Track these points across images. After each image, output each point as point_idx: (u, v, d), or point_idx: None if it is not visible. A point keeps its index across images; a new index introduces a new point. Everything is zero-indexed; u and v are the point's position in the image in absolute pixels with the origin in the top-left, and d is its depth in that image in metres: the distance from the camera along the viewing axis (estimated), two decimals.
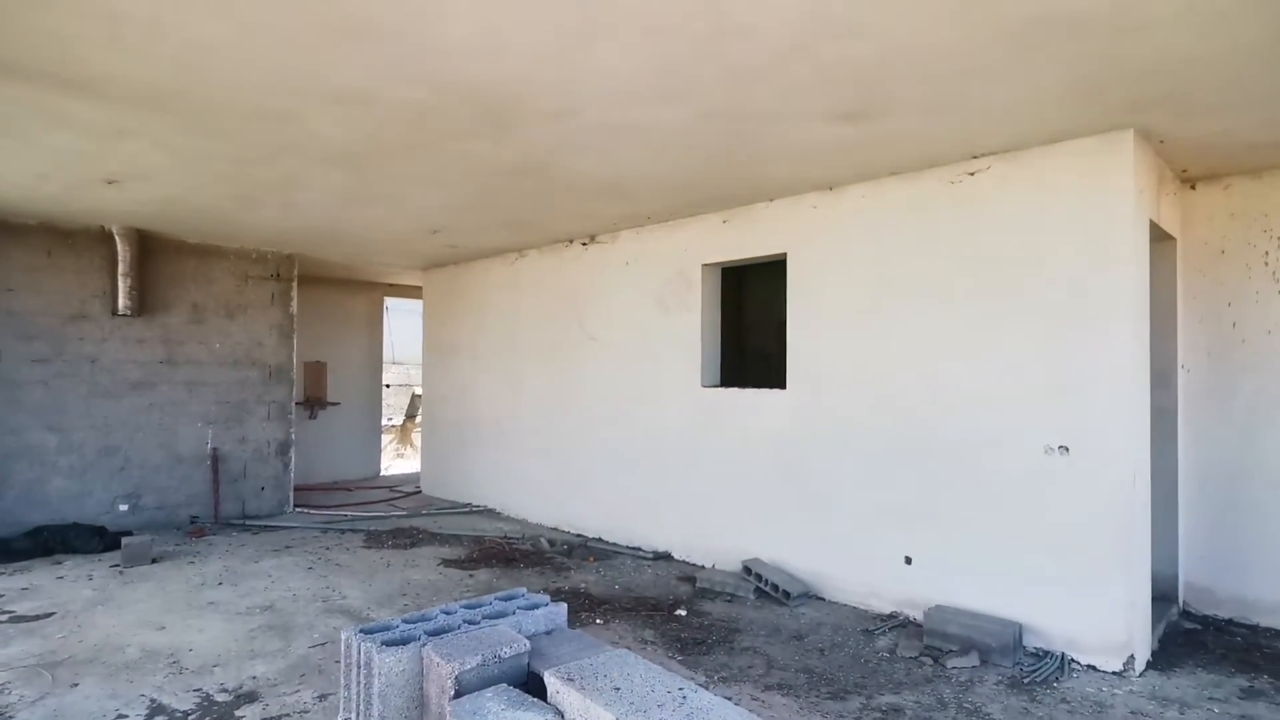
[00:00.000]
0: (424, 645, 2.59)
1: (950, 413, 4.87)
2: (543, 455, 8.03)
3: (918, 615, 4.86)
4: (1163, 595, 5.06)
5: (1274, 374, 4.93)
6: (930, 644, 4.52)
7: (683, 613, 5.15)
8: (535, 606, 3.02)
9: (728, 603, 5.41)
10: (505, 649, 2.56)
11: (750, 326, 8.39)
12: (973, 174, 4.78)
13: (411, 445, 14.16)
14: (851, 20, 3.01)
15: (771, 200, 5.90)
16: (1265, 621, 4.93)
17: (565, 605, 3.18)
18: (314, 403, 10.70)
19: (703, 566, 6.25)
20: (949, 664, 4.26)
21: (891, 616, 5.07)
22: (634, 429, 6.99)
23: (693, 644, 4.57)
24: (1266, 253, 4.96)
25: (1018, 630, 4.42)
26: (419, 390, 12.01)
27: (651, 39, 3.18)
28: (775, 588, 5.43)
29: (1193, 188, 5.25)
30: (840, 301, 5.46)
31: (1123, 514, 4.14)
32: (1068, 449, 4.35)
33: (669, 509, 6.64)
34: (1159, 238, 4.93)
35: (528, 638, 2.72)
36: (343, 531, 7.61)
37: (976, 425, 4.74)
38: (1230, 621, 5.03)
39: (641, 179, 5.37)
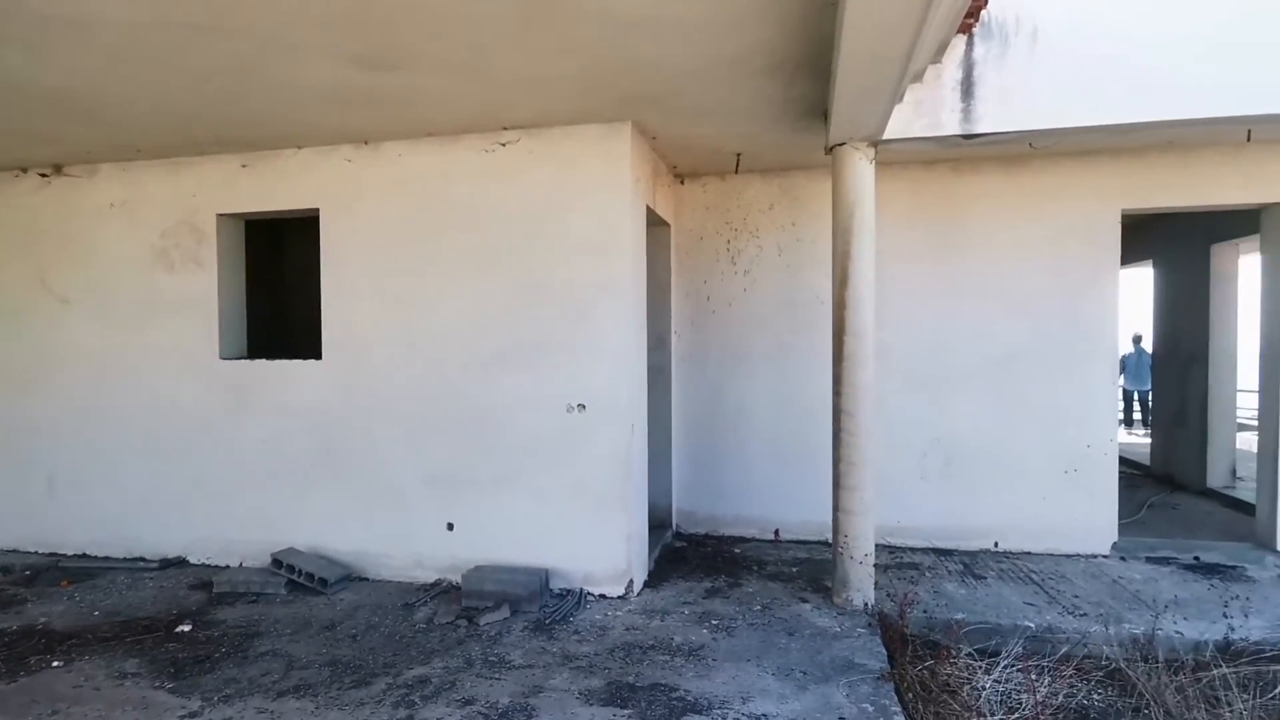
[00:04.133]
0: None
1: (488, 379, 4.99)
2: None
3: (459, 579, 4.93)
4: (661, 523, 6.06)
5: (732, 338, 6.24)
6: (468, 605, 4.62)
7: (187, 628, 4.34)
8: None
9: (251, 604, 4.75)
10: None
11: (294, 290, 7.50)
12: (504, 145, 4.90)
13: None
14: None
15: (300, 148, 5.24)
16: (727, 532, 6.28)
17: None
18: None
19: (225, 567, 5.39)
20: (482, 621, 4.40)
21: (435, 585, 5.05)
22: (131, 413, 5.64)
23: (193, 664, 3.86)
24: (728, 241, 6.22)
25: (544, 576, 4.79)
26: None
27: None
28: (311, 577, 4.96)
29: (682, 183, 6.30)
30: (379, 265, 5.15)
31: (623, 459, 4.77)
32: (585, 406, 4.83)
33: (183, 506, 5.55)
34: (657, 223, 5.78)
35: None
36: None
37: (512, 389, 4.95)
38: (706, 536, 6.29)
39: (116, 98, 4.22)
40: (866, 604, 4.54)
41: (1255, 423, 6.45)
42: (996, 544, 5.79)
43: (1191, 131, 4.99)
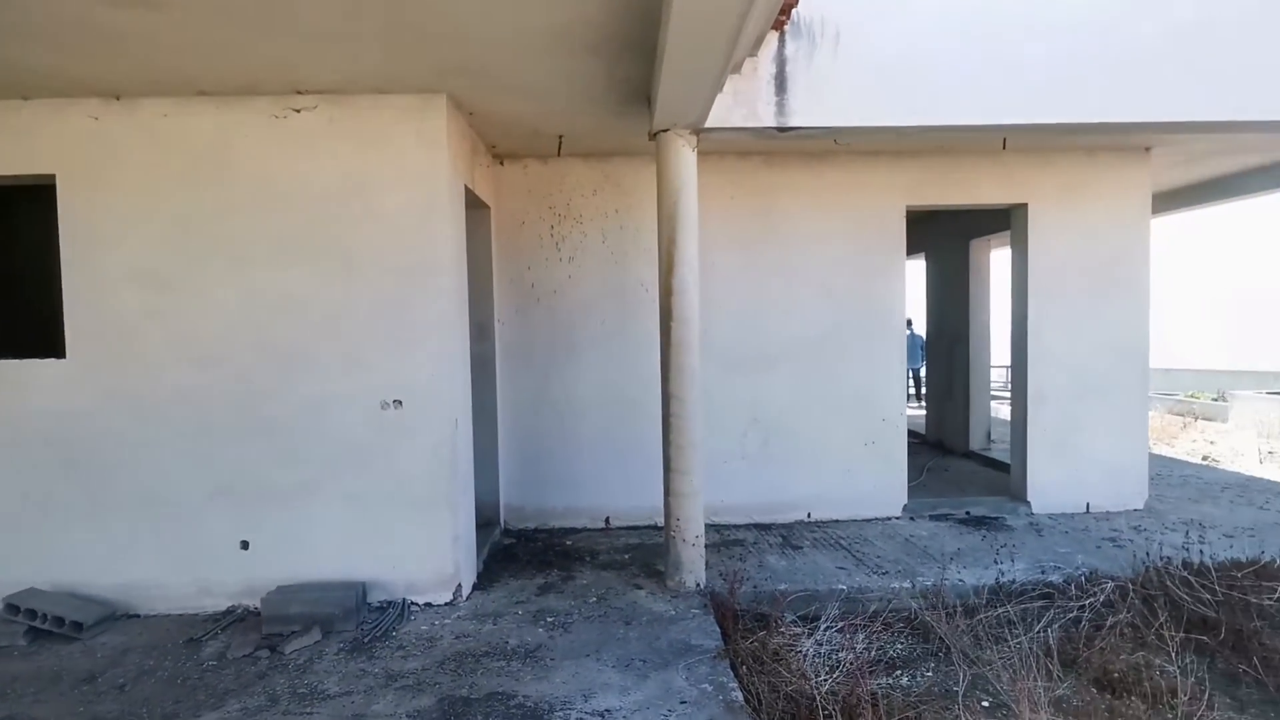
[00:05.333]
0: None
1: (289, 375, 4.42)
2: None
3: (258, 604, 4.33)
4: (488, 520, 5.78)
5: (558, 326, 6.10)
6: (271, 632, 4.07)
7: None
8: None
9: None
10: None
11: (27, 275, 6.19)
12: (299, 111, 4.34)
13: None
14: None
15: (27, 99, 4.27)
16: (558, 524, 6.15)
17: None
18: None
19: None
20: (288, 649, 3.89)
21: (228, 613, 4.40)
22: None
23: None
24: (552, 226, 6.05)
25: (361, 590, 4.36)
26: None
27: None
28: (60, 621, 4.10)
29: (502, 164, 6.02)
30: (143, 245, 4.36)
31: (447, 457, 4.46)
32: (401, 403, 4.43)
33: None
34: (476, 204, 5.46)
35: None
36: None
37: (317, 386, 4.43)
38: (536, 530, 6.11)
39: None
40: (699, 584, 4.64)
41: (1006, 394, 7.53)
42: (809, 515, 6.22)
43: (959, 137, 5.63)
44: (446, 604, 4.49)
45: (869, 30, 4.49)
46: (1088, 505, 6.39)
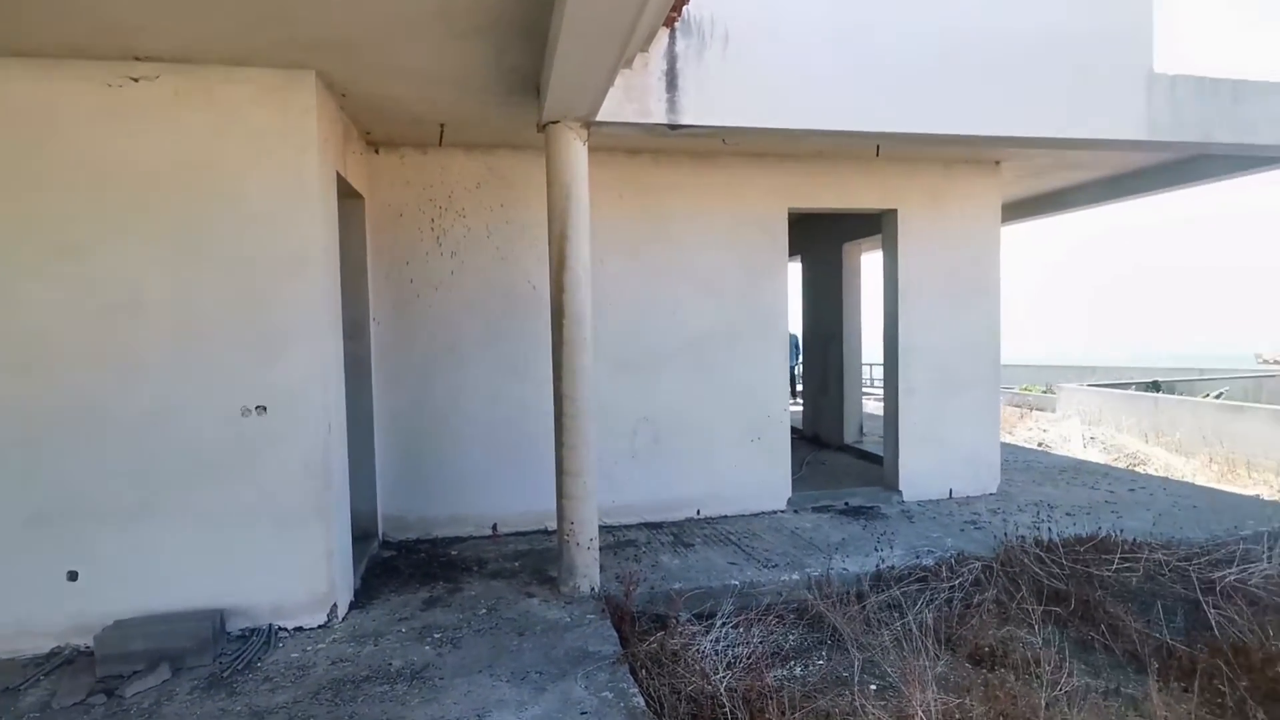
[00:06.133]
0: None
1: (127, 381, 3.89)
2: None
3: (90, 642, 3.77)
4: (365, 533, 5.39)
5: (440, 324, 5.79)
6: (107, 674, 3.55)
7: None
8: None
9: None
10: None
11: None
12: (137, 80, 3.83)
13: None
14: None
15: None
16: (441, 533, 5.83)
17: None
18: None
19: None
20: (129, 692, 3.41)
21: (52, 655, 3.81)
22: None
23: None
24: (432, 219, 5.74)
25: (219, 619, 3.90)
26: None
27: None
28: None
29: (377, 152, 5.64)
30: None
31: (319, 466, 4.09)
32: (265, 408, 4.02)
33: None
34: (349, 194, 5.07)
35: None
36: None
37: (162, 392, 3.92)
38: (418, 541, 5.77)
39: None
40: (594, 589, 4.53)
41: (874, 390, 7.97)
42: (699, 511, 6.27)
43: (837, 142, 5.87)
44: (320, 626, 4.12)
45: (755, 33, 4.57)
46: (950, 491, 6.86)
